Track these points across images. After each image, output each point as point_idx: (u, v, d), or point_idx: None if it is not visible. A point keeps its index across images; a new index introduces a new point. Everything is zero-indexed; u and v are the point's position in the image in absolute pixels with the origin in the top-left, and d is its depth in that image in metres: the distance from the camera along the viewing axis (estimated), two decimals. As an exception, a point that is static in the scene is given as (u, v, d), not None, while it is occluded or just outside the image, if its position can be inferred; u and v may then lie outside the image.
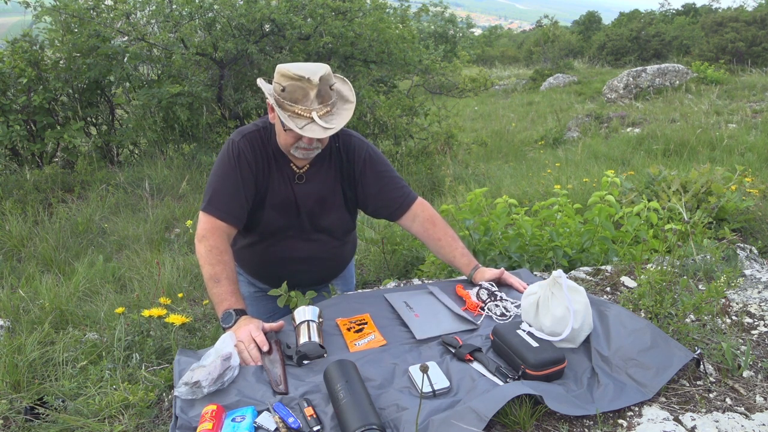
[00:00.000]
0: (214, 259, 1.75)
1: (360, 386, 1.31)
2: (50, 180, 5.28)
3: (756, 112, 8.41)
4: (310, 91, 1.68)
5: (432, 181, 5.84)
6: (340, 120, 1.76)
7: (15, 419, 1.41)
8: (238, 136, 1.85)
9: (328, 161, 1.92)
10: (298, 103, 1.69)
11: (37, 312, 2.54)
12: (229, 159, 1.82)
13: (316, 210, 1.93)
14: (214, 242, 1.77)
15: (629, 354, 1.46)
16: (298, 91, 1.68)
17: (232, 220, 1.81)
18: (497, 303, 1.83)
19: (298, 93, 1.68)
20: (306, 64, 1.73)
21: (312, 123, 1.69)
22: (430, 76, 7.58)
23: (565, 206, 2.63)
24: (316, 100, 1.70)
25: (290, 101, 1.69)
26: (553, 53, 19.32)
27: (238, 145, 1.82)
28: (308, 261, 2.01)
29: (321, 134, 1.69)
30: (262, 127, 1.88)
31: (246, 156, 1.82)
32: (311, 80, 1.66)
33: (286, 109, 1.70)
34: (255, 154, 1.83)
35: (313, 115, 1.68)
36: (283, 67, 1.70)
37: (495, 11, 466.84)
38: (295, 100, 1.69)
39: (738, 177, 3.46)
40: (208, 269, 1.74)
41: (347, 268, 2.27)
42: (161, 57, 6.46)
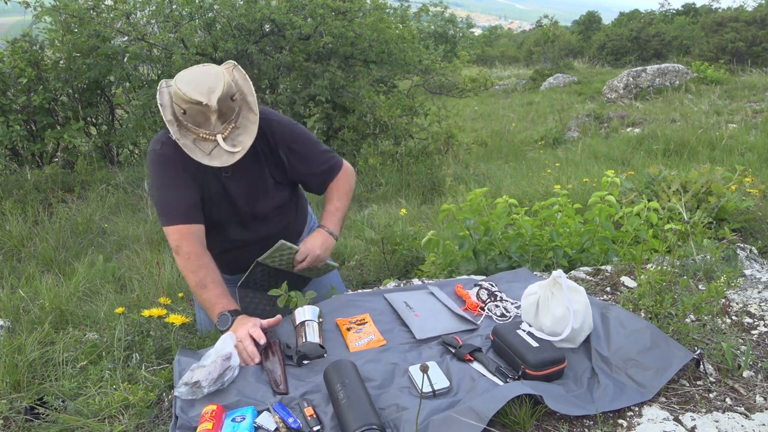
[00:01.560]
0: (194, 265, 1.74)
1: (360, 386, 1.31)
2: (50, 180, 5.28)
3: (756, 112, 8.41)
4: (210, 116, 1.64)
5: (432, 181, 5.84)
6: (247, 138, 1.71)
7: (15, 419, 1.41)
8: (157, 145, 1.80)
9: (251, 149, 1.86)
10: (201, 127, 1.66)
11: (37, 312, 2.54)
12: (163, 167, 1.78)
13: (250, 200, 1.93)
14: (189, 249, 1.75)
15: (629, 354, 1.46)
16: (198, 115, 1.64)
17: (194, 219, 1.79)
18: (497, 303, 1.83)
19: (200, 117, 1.64)
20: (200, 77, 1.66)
21: (218, 147, 1.67)
22: (430, 76, 7.57)
23: (565, 206, 2.63)
24: (219, 122, 1.66)
25: (193, 125, 1.66)
26: (553, 53, 19.31)
27: (162, 152, 1.78)
28: (257, 242, 1.99)
29: (229, 160, 1.67)
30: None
31: (173, 160, 1.77)
32: (209, 106, 1.61)
33: (190, 131, 1.67)
34: (179, 156, 1.76)
35: (218, 139, 1.66)
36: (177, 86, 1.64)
37: (495, 11, 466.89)
38: (198, 124, 1.66)
39: (738, 177, 3.45)
40: (192, 277, 1.74)
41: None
42: (161, 57, 6.46)
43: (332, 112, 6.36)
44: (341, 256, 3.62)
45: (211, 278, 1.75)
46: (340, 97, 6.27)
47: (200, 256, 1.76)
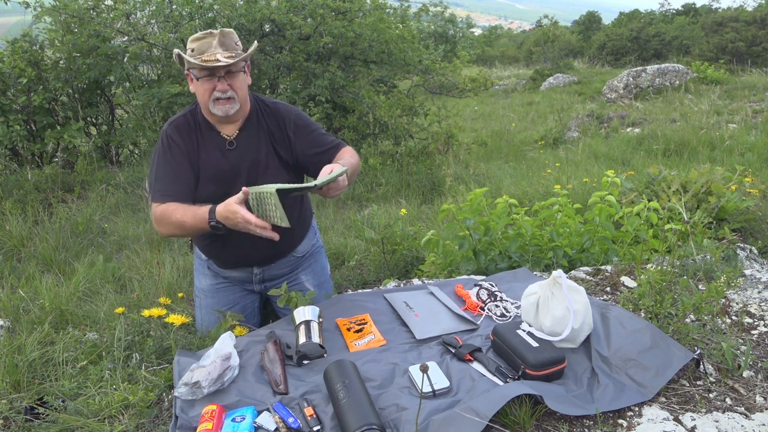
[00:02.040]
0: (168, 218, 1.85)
1: (360, 386, 1.31)
2: (50, 180, 5.27)
3: (756, 112, 8.40)
4: (212, 40, 1.85)
5: (432, 181, 5.83)
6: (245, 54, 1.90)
7: (15, 419, 1.41)
8: (166, 126, 1.99)
9: (257, 125, 2.02)
10: (205, 53, 1.85)
11: (37, 312, 2.53)
12: (162, 148, 1.95)
13: (252, 174, 1.98)
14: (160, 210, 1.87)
15: (629, 354, 1.46)
16: (203, 45, 1.86)
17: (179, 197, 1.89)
18: (497, 303, 1.83)
19: (204, 46, 1.88)
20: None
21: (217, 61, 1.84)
22: (430, 76, 7.56)
23: (566, 206, 2.63)
24: (220, 48, 1.85)
25: (199, 54, 1.85)
26: (553, 53, 19.30)
27: (166, 133, 1.96)
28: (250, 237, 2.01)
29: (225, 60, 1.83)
30: (189, 111, 2.02)
31: (175, 140, 1.94)
32: (212, 32, 1.87)
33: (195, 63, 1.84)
34: (182, 135, 1.95)
35: (217, 56, 1.84)
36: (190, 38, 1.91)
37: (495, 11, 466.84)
38: (202, 52, 1.85)
39: (738, 177, 3.45)
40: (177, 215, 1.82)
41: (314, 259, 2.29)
42: (161, 57, 6.46)
43: (332, 112, 6.35)
44: (341, 256, 3.62)
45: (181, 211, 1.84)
46: (340, 97, 6.26)
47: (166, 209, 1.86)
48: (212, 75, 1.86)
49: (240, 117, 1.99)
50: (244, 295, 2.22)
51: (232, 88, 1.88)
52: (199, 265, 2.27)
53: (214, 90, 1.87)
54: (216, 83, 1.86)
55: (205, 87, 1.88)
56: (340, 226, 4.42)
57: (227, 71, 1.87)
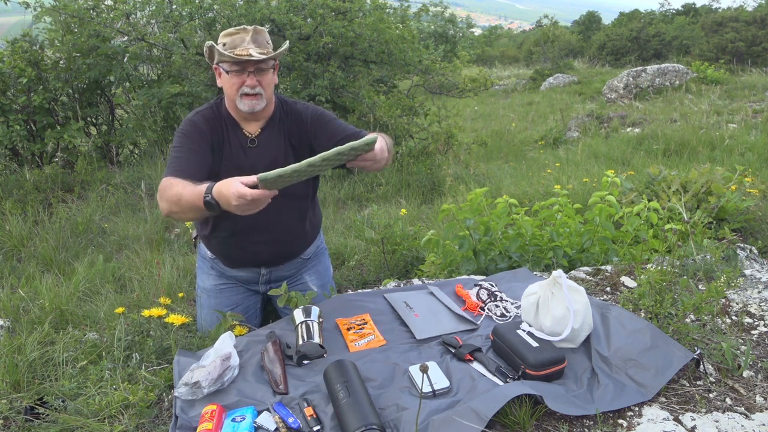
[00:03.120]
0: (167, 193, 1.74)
1: (360, 386, 1.31)
2: (50, 180, 5.27)
3: (756, 112, 8.40)
4: (245, 36, 1.87)
5: (432, 181, 5.83)
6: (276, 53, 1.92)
7: (15, 419, 1.41)
8: (192, 114, 2.00)
9: (278, 125, 2.04)
10: (237, 48, 1.86)
11: (37, 312, 2.53)
12: (186, 133, 1.94)
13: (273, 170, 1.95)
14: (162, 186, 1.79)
15: (629, 354, 1.46)
16: (236, 40, 1.88)
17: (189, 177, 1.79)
18: (497, 303, 1.83)
19: (237, 41, 1.87)
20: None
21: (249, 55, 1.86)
22: (430, 76, 7.56)
23: (566, 206, 2.63)
24: (252, 44, 1.86)
25: (231, 48, 1.86)
26: (553, 53, 19.30)
27: (192, 120, 1.96)
28: (268, 229, 2.05)
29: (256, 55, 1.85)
30: (214, 102, 2.03)
31: (200, 127, 1.95)
32: (246, 28, 1.88)
33: (227, 56, 1.85)
34: (208, 125, 1.96)
35: (250, 51, 1.85)
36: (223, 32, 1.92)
37: (495, 11, 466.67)
38: (234, 47, 1.86)
39: (738, 177, 3.45)
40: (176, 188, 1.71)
41: (319, 260, 2.30)
42: (161, 57, 6.46)
43: (332, 112, 6.36)
44: (341, 256, 3.62)
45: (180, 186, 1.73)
46: (340, 97, 6.26)
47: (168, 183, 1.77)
48: (242, 70, 1.87)
49: (264, 116, 2.01)
50: (247, 296, 2.22)
51: (260, 85, 1.90)
52: (202, 264, 2.26)
53: (242, 85, 1.88)
54: (245, 78, 1.88)
55: (234, 81, 1.89)
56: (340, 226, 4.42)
57: (257, 67, 1.88)
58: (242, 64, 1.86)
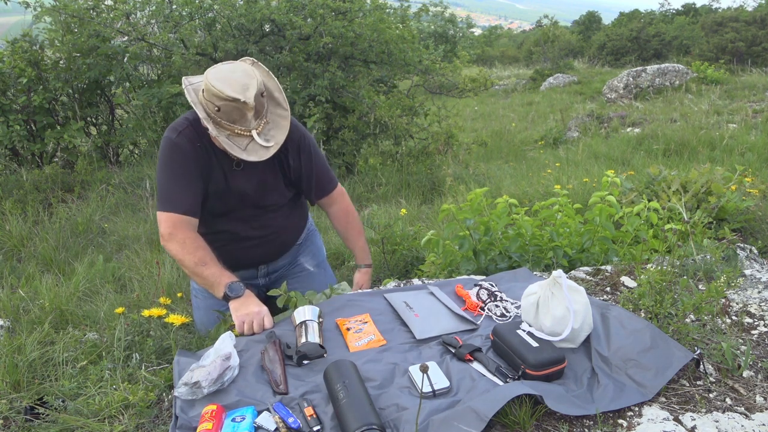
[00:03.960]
0: (190, 247, 1.77)
1: (360, 386, 1.31)
2: (50, 180, 5.27)
3: (756, 112, 8.39)
4: (247, 113, 1.67)
5: (432, 181, 5.83)
6: (279, 133, 1.77)
7: (15, 419, 1.41)
8: (173, 133, 1.83)
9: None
10: (236, 124, 1.68)
11: (37, 312, 2.53)
12: (175, 156, 1.81)
13: (257, 194, 1.96)
14: (184, 235, 1.78)
15: (629, 354, 1.46)
16: (234, 112, 1.66)
17: (192, 212, 1.83)
18: (497, 303, 1.83)
19: (235, 114, 1.67)
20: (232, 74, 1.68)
21: (253, 142, 1.70)
22: (430, 76, 7.56)
23: (566, 206, 2.63)
24: (254, 119, 1.70)
25: (228, 121, 1.68)
26: (553, 53, 19.29)
27: (177, 142, 1.81)
28: (257, 238, 2.06)
29: (265, 155, 1.71)
30: (194, 120, 1.85)
31: (187, 151, 1.81)
32: (247, 103, 1.64)
33: (224, 127, 1.68)
34: (194, 148, 1.82)
35: (253, 134, 1.69)
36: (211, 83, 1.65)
37: (495, 11, 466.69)
38: (233, 121, 1.68)
39: (738, 177, 3.45)
40: (190, 258, 1.76)
41: (311, 242, 2.33)
42: (161, 57, 6.46)
43: (332, 112, 6.35)
44: (341, 255, 3.62)
45: (210, 257, 1.78)
46: (340, 97, 6.26)
47: (196, 239, 1.80)
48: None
49: None
50: None
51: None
52: None
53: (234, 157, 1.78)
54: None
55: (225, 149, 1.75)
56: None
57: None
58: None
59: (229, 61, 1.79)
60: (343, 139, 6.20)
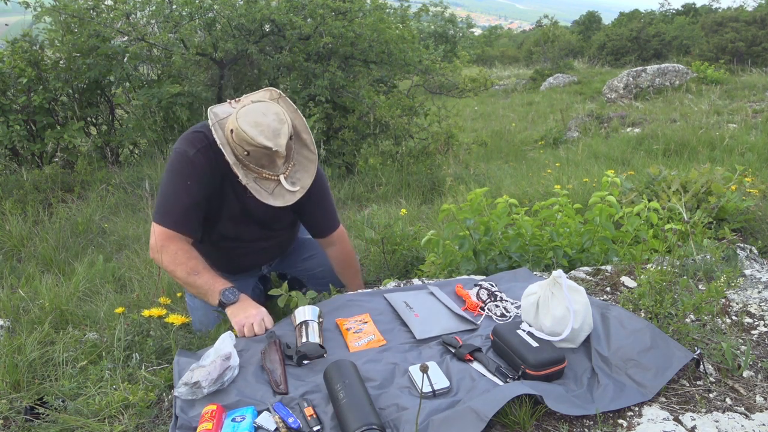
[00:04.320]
0: (182, 258, 1.77)
1: (360, 386, 1.31)
2: (50, 180, 5.27)
3: (756, 112, 8.39)
4: (277, 160, 1.67)
5: (432, 181, 5.83)
6: (306, 177, 1.77)
7: (15, 419, 1.41)
8: (191, 149, 1.78)
9: None
10: (264, 168, 1.68)
11: (37, 312, 2.53)
12: (186, 173, 1.77)
13: (268, 217, 2.01)
14: (176, 247, 1.77)
15: (629, 354, 1.46)
16: (264, 158, 1.66)
17: (189, 232, 1.82)
18: (497, 303, 1.83)
19: (264, 160, 1.67)
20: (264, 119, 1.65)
21: (279, 186, 1.71)
22: (430, 76, 7.56)
23: (566, 206, 2.63)
24: (282, 165, 1.70)
25: (256, 165, 1.68)
26: (553, 53, 19.29)
27: (193, 159, 1.77)
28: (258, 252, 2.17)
29: (291, 200, 1.72)
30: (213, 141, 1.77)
31: (203, 171, 1.78)
32: (278, 152, 1.64)
33: (251, 170, 1.68)
34: (211, 168, 1.79)
35: (280, 179, 1.69)
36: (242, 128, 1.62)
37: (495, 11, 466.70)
38: (262, 166, 1.68)
39: (738, 177, 3.45)
40: (182, 268, 1.76)
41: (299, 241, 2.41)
42: (161, 57, 6.46)
43: (332, 112, 6.36)
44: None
45: (202, 265, 1.78)
46: (340, 97, 6.27)
47: (188, 251, 1.79)
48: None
49: None
50: (245, 284, 2.22)
51: None
52: None
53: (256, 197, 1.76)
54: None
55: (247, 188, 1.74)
56: (340, 226, 4.41)
57: None
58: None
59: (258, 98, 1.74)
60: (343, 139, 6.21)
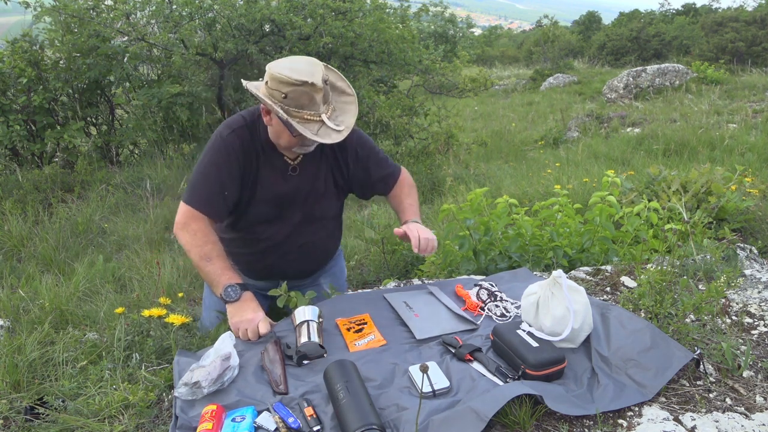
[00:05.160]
0: (200, 240, 1.75)
1: (360, 386, 1.31)
2: (50, 180, 5.27)
3: (756, 112, 8.40)
4: (316, 95, 1.63)
5: (432, 181, 5.83)
6: (348, 117, 1.75)
7: (15, 419, 1.41)
8: (226, 130, 1.80)
9: (320, 151, 1.91)
10: (305, 109, 1.64)
11: (37, 312, 2.53)
12: (218, 155, 1.77)
13: (309, 201, 1.94)
14: (197, 227, 1.76)
15: (629, 354, 1.46)
16: (303, 96, 1.63)
17: (214, 214, 1.81)
18: (497, 303, 1.83)
19: (304, 98, 1.63)
20: (297, 63, 1.66)
21: (323, 126, 1.67)
22: (430, 76, 7.57)
23: (566, 206, 2.63)
24: (322, 103, 1.66)
25: (296, 107, 1.63)
26: (553, 53, 19.30)
27: (227, 140, 1.78)
28: (298, 249, 2.02)
29: (337, 138, 1.67)
30: (250, 121, 1.82)
31: (236, 152, 1.78)
32: (316, 85, 1.61)
33: (293, 115, 1.64)
34: (244, 149, 1.79)
35: (323, 118, 1.65)
36: (276, 71, 1.63)
37: (495, 11, 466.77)
38: (302, 106, 1.64)
39: (738, 177, 3.45)
40: (197, 251, 1.74)
41: (336, 263, 2.29)
42: (161, 57, 6.46)
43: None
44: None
45: (216, 252, 1.75)
46: (340, 96, 6.27)
47: (207, 234, 1.77)
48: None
49: None
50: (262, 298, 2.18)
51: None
52: None
53: (300, 146, 1.74)
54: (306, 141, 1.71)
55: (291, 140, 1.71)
56: (340, 226, 4.41)
57: None
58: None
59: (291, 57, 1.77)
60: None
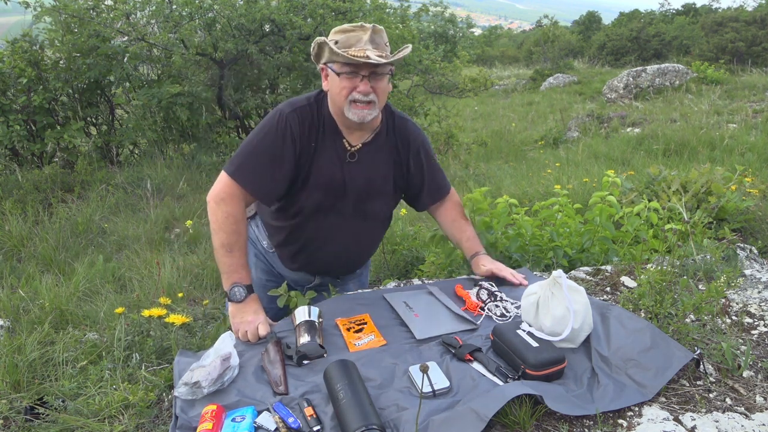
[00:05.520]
0: (229, 227, 1.71)
1: (360, 386, 1.31)
2: (50, 180, 5.27)
3: (756, 112, 8.40)
4: (363, 35, 1.66)
5: (432, 181, 5.82)
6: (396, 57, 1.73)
7: (15, 419, 1.41)
8: (288, 108, 1.76)
9: (384, 141, 1.87)
10: (352, 47, 1.66)
11: (37, 312, 2.53)
12: (274, 131, 1.73)
13: (363, 193, 1.87)
14: (231, 209, 1.71)
15: (629, 354, 1.46)
16: (351, 38, 1.67)
17: (258, 193, 1.76)
18: (497, 303, 1.83)
19: (352, 40, 1.66)
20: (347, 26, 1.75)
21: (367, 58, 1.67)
22: (430, 76, 7.57)
23: (566, 206, 2.63)
24: (370, 44, 1.66)
25: (344, 47, 1.66)
26: (553, 53, 19.31)
27: (287, 118, 1.74)
28: (344, 245, 1.96)
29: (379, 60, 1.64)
30: (314, 100, 1.81)
31: (292, 131, 1.74)
32: (363, 26, 1.66)
33: (340, 56, 1.65)
34: (303, 129, 1.75)
35: (367, 53, 1.64)
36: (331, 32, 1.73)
37: (495, 11, 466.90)
38: (349, 46, 1.66)
39: (738, 177, 3.45)
40: (222, 236, 1.71)
41: (365, 270, 2.27)
42: (161, 57, 6.46)
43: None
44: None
45: (239, 245, 1.72)
46: (341, 97, 6.27)
47: (238, 221, 1.73)
48: (355, 73, 1.67)
49: (370, 127, 1.83)
50: None
51: (374, 92, 1.69)
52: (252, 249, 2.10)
53: (354, 90, 1.68)
54: (358, 83, 1.67)
55: (345, 85, 1.68)
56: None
57: (372, 72, 1.67)
58: (357, 67, 1.65)
59: None
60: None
